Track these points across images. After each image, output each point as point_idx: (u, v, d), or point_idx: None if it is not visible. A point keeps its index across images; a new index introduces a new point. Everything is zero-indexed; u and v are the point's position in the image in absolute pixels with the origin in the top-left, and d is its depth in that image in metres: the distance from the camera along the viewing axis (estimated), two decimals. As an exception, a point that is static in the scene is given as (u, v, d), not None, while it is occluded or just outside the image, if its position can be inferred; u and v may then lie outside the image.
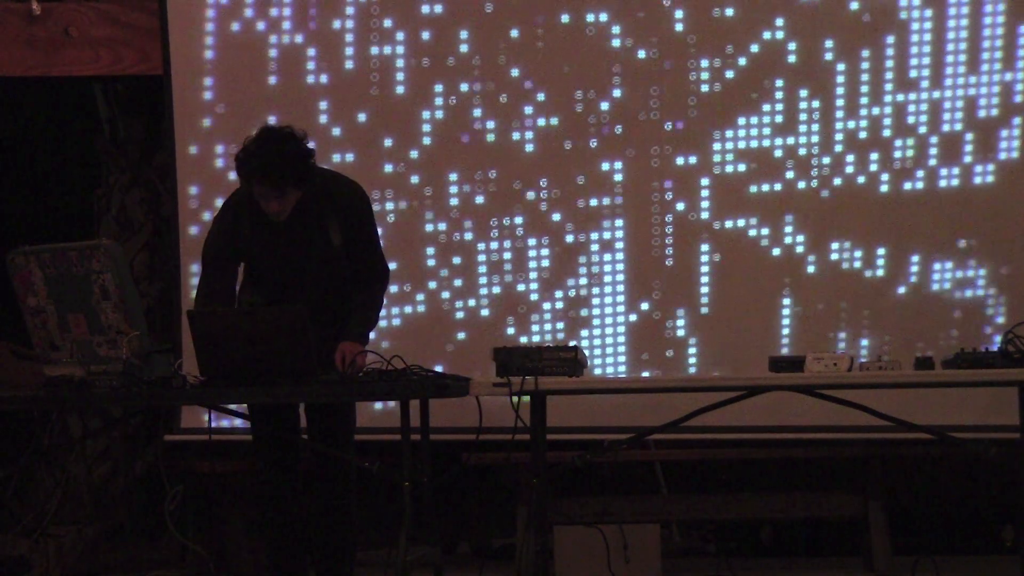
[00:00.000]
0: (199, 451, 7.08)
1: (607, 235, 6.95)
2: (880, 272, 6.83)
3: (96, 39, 7.39)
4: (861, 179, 6.83)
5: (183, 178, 7.15)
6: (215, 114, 7.13)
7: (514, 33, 6.96)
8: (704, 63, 6.88)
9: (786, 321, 6.86)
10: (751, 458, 7.09)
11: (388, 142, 7.05)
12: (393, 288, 6.85)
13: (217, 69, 7.13)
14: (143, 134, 7.74)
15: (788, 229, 6.87)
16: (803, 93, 6.86)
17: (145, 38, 7.34)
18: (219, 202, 5.98)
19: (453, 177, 7.03)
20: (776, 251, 6.88)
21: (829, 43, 6.84)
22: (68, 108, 8.00)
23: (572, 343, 6.07)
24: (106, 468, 7.61)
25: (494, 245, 7.01)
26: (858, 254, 6.84)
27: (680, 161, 6.91)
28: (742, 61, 6.87)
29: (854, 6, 6.82)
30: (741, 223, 6.89)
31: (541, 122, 6.96)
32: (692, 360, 6.91)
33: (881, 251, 6.83)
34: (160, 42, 7.19)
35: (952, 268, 6.80)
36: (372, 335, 5.80)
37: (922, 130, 6.81)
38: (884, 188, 6.82)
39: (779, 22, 6.85)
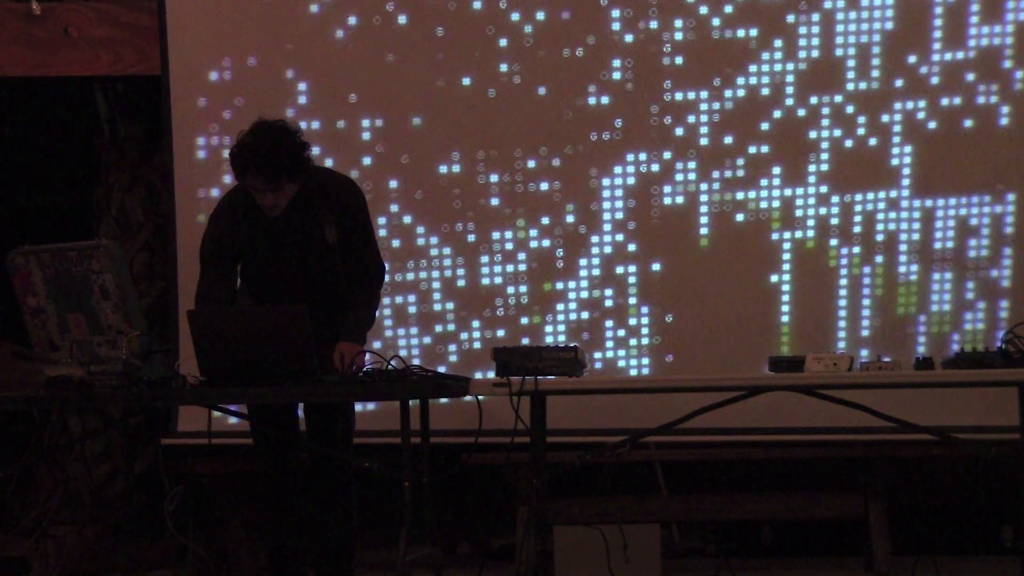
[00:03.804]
0: (199, 452, 7.08)
1: (608, 238, 6.95)
2: (879, 271, 6.84)
3: (95, 39, 7.39)
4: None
5: (181, 178, 7.15)
6: (213, 114, 7.12)
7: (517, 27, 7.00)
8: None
9: (785, 319, 6.86)
10: (751, 458, 7.08)
11: (388, 143, 7.05)
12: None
13: (216, 69, 7.13)
14: (143, 134, 7.75)
15: (789, 228, 6.88)
16: (805, 94, 6.86)
17: (144, 38, 7.34)
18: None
19: (455, 190, 7.04)
20: (777, 249, 6.88)
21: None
22: (68, 108, 7.99)
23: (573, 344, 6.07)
24: (106, 468, 7.61)
25: (495, 247, 7.00)
26: (856, 251, 6.84)
27: (681, 160, 6.92)
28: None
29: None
30: (740, 222, 6.89)
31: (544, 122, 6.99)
32: (693, 361, 6.92)
33: (879, 248, 6.83)
34: (159, 42, 7.20)
35: (952, 267, 6.80)
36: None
37: (922, 129, 6.83)
38: (883, 191, 6.85)
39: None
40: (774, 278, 6.88)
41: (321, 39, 7.08)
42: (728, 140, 6.89)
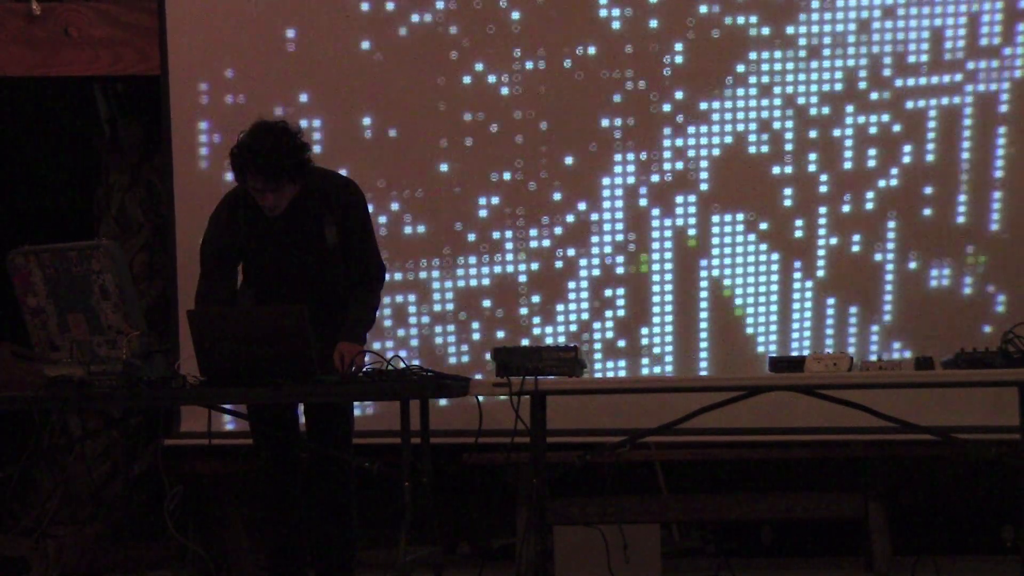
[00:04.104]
0: (199, 452, 7.08)
1: (607, 237, 6.95)
2: (880, 270, 6.84)
3: (95, 39, 7.39)
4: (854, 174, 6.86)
5: (180, 178, 7.15)
6: (213, 114, 7.12)
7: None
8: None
9: (785, 319, 6.87)
10: (751, 458, 7.08)
11: (389, 142, 7.05)
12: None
13: (215, 69, 7.13)
14: (142, 134, 7.74)
15: (789, 228, 6.88)
16: (803, 87, 6.86)
17: (144, 38, 7.33)
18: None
19: (456, 189, 7.04)
20: (778, 249, 6.88)
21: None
22: (68, 108, 7.99)
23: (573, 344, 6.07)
24: (106, 468, 7.61)
25: (496, 246, 7.00)
26: (856, 250, 6.84)
27: (682, 160, 6.92)
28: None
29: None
30: (740, 222, 6.89)
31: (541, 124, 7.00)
32: (693, 361, 6.92)
33: (879, 247, 6.83)
34: (159, 42, 7.20)
35: (952, 267, 6.80)
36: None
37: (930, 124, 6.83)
38: (881, 184, 6.85)
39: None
40: (775, 278, 6.88)
41: (322, 37, 7.08)
42: (728, 140, 6.89)
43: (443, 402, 6.60)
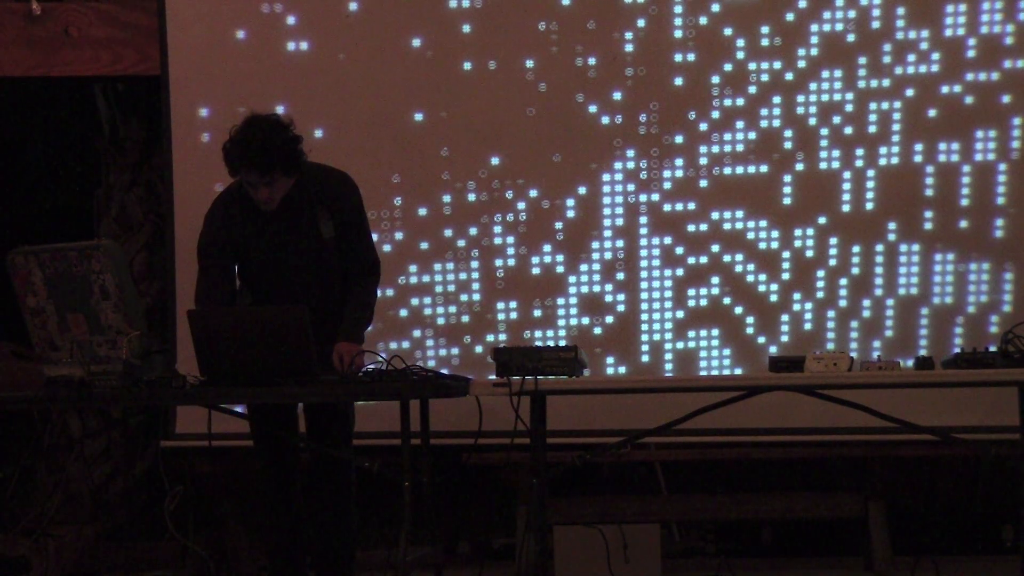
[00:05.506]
0: (199, 452, 7.08)
1: (607, 233, 6.94)
2: (879, 271, 6.84)
3: (96, 39, 7.39)
4: (850, 171, 6.86)
5: (180, 178, 7.14)
6: (213, 114, 7.12)
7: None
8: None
9: (786, 320, 6.87)
10: (751, 458, 7.08)
11: (390, 140, 7.05)
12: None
13: (215, 69, 7.12)
14: (143, 134, 7.75)
15: (789, 228, 6.88)
16: (797, 90, 6.87)
17: (144, 38, 7.34)
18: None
19: (456, 187, 7.04)
20: (775, 249, 6.88)
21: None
22: (68, 108, 8.00)
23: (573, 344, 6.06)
24: (106, 468, 7.61)
25: (496, 247, 7.00)
26: (856, 250, 6.84)
27: (682, 158, 6.92)
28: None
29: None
30: (739, 224, 6.89)
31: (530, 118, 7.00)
32: (692, 361, 6.92)
33: (879, 247, 6.83)
34: (159, 42, 7.20)
35: (953, 267, 6.80)
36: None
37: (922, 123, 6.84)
38: (876, 183, 6.85)
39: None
40: (775, 277, 6.88)
41: (322, 36, 7.08)
42: (728, 137, 6.89)
43: (443, 402, 6.60)
